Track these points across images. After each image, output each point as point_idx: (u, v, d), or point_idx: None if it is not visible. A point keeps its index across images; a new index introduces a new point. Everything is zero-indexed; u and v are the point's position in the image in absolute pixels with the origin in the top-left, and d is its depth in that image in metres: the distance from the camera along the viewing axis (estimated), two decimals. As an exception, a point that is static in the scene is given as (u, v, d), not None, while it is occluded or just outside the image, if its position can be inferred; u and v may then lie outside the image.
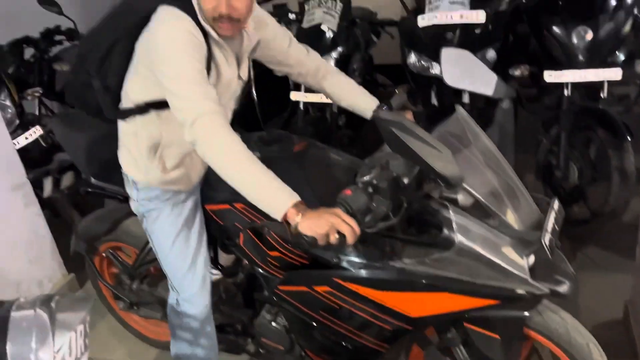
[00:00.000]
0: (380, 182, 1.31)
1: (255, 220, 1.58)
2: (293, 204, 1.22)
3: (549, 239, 1.26)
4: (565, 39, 2.40)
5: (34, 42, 3.45)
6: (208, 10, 1.35)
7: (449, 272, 1.28)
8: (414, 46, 2.73)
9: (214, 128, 1.29)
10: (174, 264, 1.66)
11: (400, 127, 1.27)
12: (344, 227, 1.20)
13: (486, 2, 2.57)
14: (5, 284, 2.33)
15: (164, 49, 1.34)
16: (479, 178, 1.36)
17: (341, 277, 1.42)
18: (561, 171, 2.47)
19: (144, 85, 1.46)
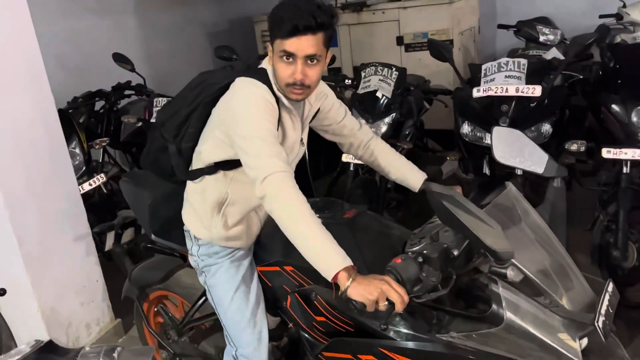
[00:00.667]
0: (431, 252, 1.32)
1: (303, 283, 1.59)
2: (345, 268, 1.27)
3: (602, 322, 1.21)
4: (625, 117, 2.37)
5: (105, 95, 3.70)
6: (284, 77, 1.49)
7: (498, 349, 1.23)
8: (468, 116, 2.76)
9: (283, 186, 1.39)
10: (233, 318, 1.68)
11: (451, 200, 1.29)
12: (394, 294, 1.22)
13: (542, 77, 2.59)
14: (56, 325, 2.40)
15: (242, 111, 1.48)
16: (529, 255, 1.33)
17: (387, 347, 1.39)
18: (619, 251, 2.37)
19: (216, 147, 1.58)
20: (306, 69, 1.48)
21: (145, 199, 2.02)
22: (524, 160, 2.39)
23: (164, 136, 1.69)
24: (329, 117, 1.79)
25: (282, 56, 1.47)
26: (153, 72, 4.52)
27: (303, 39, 1.44)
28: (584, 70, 2.98)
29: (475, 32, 5.00)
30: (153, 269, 2.18)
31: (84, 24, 4.21)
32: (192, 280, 2.02)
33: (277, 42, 1.47)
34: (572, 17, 4.69)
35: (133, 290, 2.22)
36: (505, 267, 1.25)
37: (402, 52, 4.55)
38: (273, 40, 1.50)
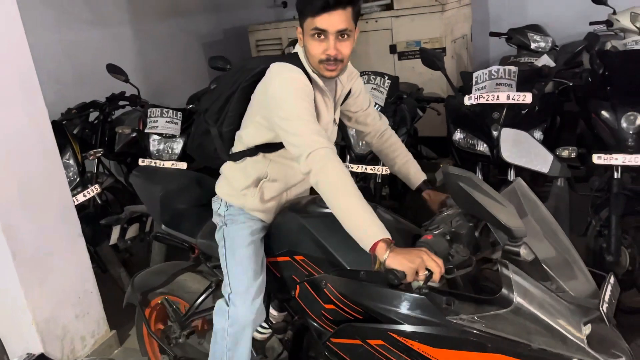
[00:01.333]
0: (460, 229, 1.39)
1: (313, 272, 1.63)
2: (383, 239, 1.33)
3: (606, 308, 1.25)
4: (615, 123, 2.40)
5: (100, 106, 3.70)
6: (317, 54, 1.55)
7: (506, 332, 1.25)
8: (460, 123, 2.78)
9: (328, 159, 1.45)
10: (241, 263, 1.70)
11: (467, 182, 1.34)
12: (432, 264, 1.28)
13: (533, 84, 2.61)
14: (51, 337, 2.38)
15: (280, 95, 1.55)
16: (538, 243, 1.37)
17: (397, 331, 1.39)
18: (612, 256, 2.39)
19: (257, 131, 1.67)
20: (338, 44, 1.53)
21: (157, 192, 2.10)
22: (530, 160, 2.44)
23: (207, 121, 1.78)
24: (357, 102, 1.87)
25: (313, 34, 1.53)
26: (147, 83, 4.53)
27: (334, 15, 1.49)
28: (574, 77, 3.00)
29: (468, 40, 5.04)
30: (156, 274, 2.22)
31: (78, 35, 4.22)
32: (196, 285, 2.08)
33: (308, 20, 1.53)
34: (563, 24, 4.74)
35: (135, 295, 2.25)
36: (518, 246, 1.30)
37: (395, 60, 4.58)
38: (303, 20, 1.55)
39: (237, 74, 1.72)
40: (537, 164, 2.42)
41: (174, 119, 3.20)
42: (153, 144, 3.23)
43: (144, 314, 2.25)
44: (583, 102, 2.70)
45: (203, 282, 2.06)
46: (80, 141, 3.29)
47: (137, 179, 2.23)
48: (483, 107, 2.64)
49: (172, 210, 2.08)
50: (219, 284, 1.98)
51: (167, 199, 2.09)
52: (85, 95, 3.83)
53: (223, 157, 1.81)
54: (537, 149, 2.44)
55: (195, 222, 2.00)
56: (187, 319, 2.08)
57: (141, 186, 2.22)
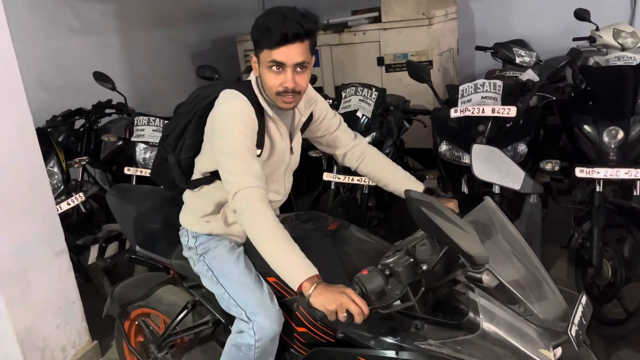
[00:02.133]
0: (396, 266, 1.35)
1: (285, 295, 1.62)
2: (308, 277, 1.32)
3: (575, 332, 1.24)
4: (597, 137, 2.44)
5: (85, 114, 3.68)
6: (274, 86, 1.53)
7: (475, 356, 1.26)
8: (446, 136, 2.81)
9: (251, 201, 1.45)
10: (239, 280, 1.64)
11: (429, 206, 1.33)
12: (352, 306, 1.27)
13: (517, 98, 2.65)
14: (32, 347, 2.34)
15: (219, 125, 1.54)
16: (505, 266, 1.36)
17: (366, 356, 1.41)
18: (594, 268, 2.41)
19: (209, 158, 1.65)
20: (296, 76, 1.52)
21: (131, 212, 2.06)
22: (502, 177, 2.44)
23: (165, 149, 1.77)
24: (322, 127, 1.84)
25: (270, 66, 1.51)
26: (134, 91, 4.52)
27: (292, 48, 1.48)
28: (557, 91, 3.05)
29: (454, 53, 5.10)
30: (135, 286, 2.18)
31: (64, 43, 4.20)
32: (175, 298, 2.03)
33: (265, 52, 1.50)
34: (547, 39, 4.83)
35: (115, 308, 2.21)
36: (481, 272, 1.29)
37: (382, 72, 4.63)
38: (259, 50, 1.52)
39: (193, 102, 1.70)
40: (508, 181, 2.42)
41: (160, 127, 3.19)
42: (139, 152, 3.22)
43: (122, 327, 2.21)
44: (565, 116, 2.74)
45: (182, 295, 2.01)
46: (65, 149, 3.27)
47: (113, 198, 2.19)
48: (468, 120, 2.67)
49: (146, 230, 2.05)
50: (195, 304, 1.94)
51: (140, 220, 2.05)
52: (71, 103, 3.81)
53: (181, 185, 1.79)
54: (509, 166, 2.44)
55: (169, 242, 1.96)
56: (165, 340, 2.04)
57: (116, 206, 2.18)
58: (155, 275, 2.16)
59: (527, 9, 5.23)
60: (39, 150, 2.40)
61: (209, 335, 1.94)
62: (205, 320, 1.89)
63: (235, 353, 1.66)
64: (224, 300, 1.69)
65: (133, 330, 2.26)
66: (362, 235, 1.78)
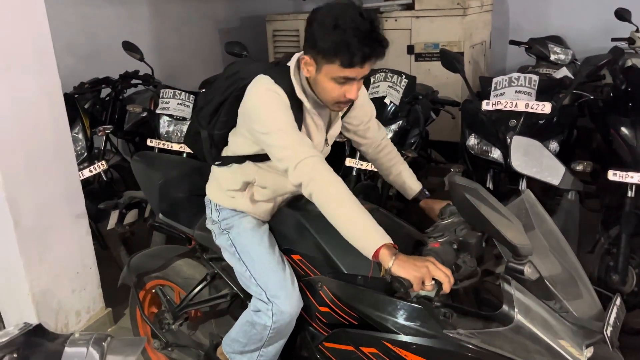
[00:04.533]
0: (468, 238, 1.34)
1: (309, 273, 1.59)
2: (386, 245, 1.27)
3: (610, 332, 1.20)
4: (633, 140, 2.36)
5: (112, 83, 3.68)
6: (336, 97, 1.46)
7: (504, 349, 1.22)
8: (475, 128, 2.74)
9: (317, 169, 1.40)
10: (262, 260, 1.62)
11: (474, 193, 1.29)
12: (440, 274, 1.22)
13: (552, 95, 2.57)
14: (46, 309, 2.37)
15: (256, 109, 1.49)
16: (542, 261, 1.33)
17: (391, 341, 1.37)
18: (619, 275, 2.35)
19: (244, 143, 1.61)
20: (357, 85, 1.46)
21: (156, 179, 2.05)
22: (541, 171, 2.39)
23: (199, 122, 1.71)
24: (359, 115, 1.79)
25: (337, 79, 1.42)
26: (162, 64, 4.51)
27: (367, 65, 1.41)
28: (594, 91, 2.96)
29: (487, 47, 4.99)
30: (153, 257, 2.18)
31: (95, 11, 4.20)
32: (192, 271, 2.03)
33: (335, 67, 1.39)
34: (584, 38, 4.69)
35: (131, 277, 2.21)
36: (523, 264, 1.25)
37: (412, 61, 4.54)
38: (325, 62, 1.40)
39: (229, 80, 1.63)
40: (548, 175, 2.37)
41: (185, 101, 3.17)
42: (163, 125, 3.21)
43: (137, 296, 2.21)
44: (602, 117, 2.66)
45: (200, 270, 2.01)
46: (90, 117, 3.27)
47: (138, 164, 2.17)
48: (500, 114, 2.60)
49: (171, 199, 2.02)
50: (214, 276, 1.93)
51: (166, 187, 2.03)
52: (99, 71, 3.82)
53: (209, 160, 1.75)
54: (549, 160, 2.38)
55: (193, 212, 1.94)
56: (181, 310, 2.04)
57: (141, 172, 2.16)
58: (174, 248, 2.15)
59: (564, 5, 5.08)
60: (65, 115, 2.40)
61: (225, 309, 1.94)
62: (223, 293, 1.88)
63: (248, 329, 1.66)
64: (245, 278, 1.67)
65: (147, 301, 2.27)
66: (393, 220, 1.74)
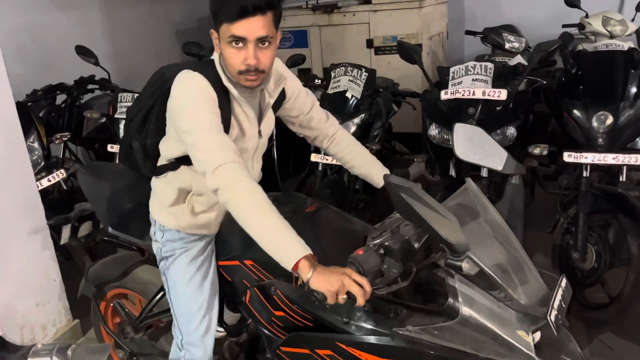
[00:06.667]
0: (392, 244, 1.32)
1: (263, 278, 1.58)
2: (305, 257, 1.24)
3: (555, 316, 1.23)
4: (586, 122, 2.44)
5: (67, 89, 3.58)
6: (236, 64, 1.42)
7: (454, 342, 1.24)
8: (435, 118, 2.79)
9: (236, 176, 1.34)
10: (185, 304, 1.66)
11: (409, 192, 1.28)
12: (355, 287, 1.20)
13: (508, 81, 2.64)
14: (10, 325, 2.30)
15: (179, 105, 1.43)
16: (486, 250, 1.34)
17: (344, 341, 1.38)
18: (578, 253, 2.43)
19: (172, 143, 1.55)
20: (258, 52, 1.40)
21: (103, 191, 1.97)
22: (484, 157, 2.41)
23: (130, 134, 1.64)
24: (296, 106, 1.73)
25: (230, 42, 1.39)
26: (118, 68, 4.41)
27: (253, 21, 1.36)
28: (547, 76, 3.05)
29: (444, 38, 5.07)
30: (110, 266, 2.13)
31: (45, 17, 4.06)
32: (150, 277, 1.98)
33: (224, 27, 1.39)
34: (536, 25, 4.81)
35: (90, 288, 2.16)
36: (461, 260, 1.26)
37: (372, 54, 4.58)
38: (218, 25, 1.41)
39: (156, 84, 1.56)
40: (491, 161, 2.39)
41: (145, 104, 3.11)
42: (123, 129, 3.14)
43: (98, 308, 2.16)
44: (555, 101, 2.74)
45: (159, 275, 1.91)
46: (46, 125, 3.18)
47: (84, 177, 2.09)
48: (459, 102, 2.65)
49: (119, 210, 1.96)
50: None
51: (114, 199, 1.96)
52: (52, 78, 3.71)
53: (145, 172, 1.68)
54: (492, 146, 2.39)
55: (143, 222, 1.84)
56: (141, 322, 2.01)
57: (88, 185, 2.08)
58: (131, 254, 2.10)
59: (517, -6, 5.21)
60: (18, 124, 2.33)
61: None
62: None
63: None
64: (172, 314, 1.71)
65: (110, 310, 2.22)
66: (342, 216, 1.74)
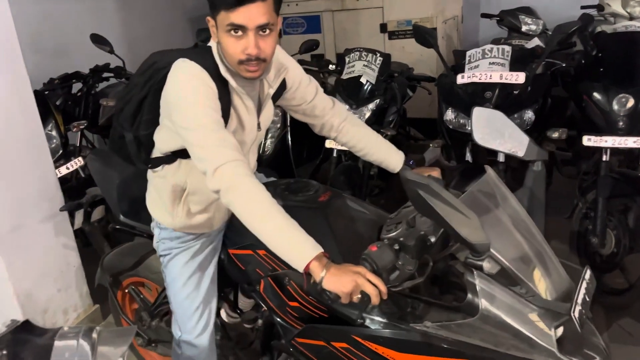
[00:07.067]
0: (407, 239, 1.29)
1: (276, 268, 1.55)
2: (316, 257, 1.20)
3: (579, 312, 1.20)
4: (606, 105, 2.39)
5: (83, 78, 3.60)
6: (235, 53, 1.34)
7: (473, 339, 1.22)
8: (452, 102, 2.76)
9: (237, 176, 1.28)
10: (182, 303, 1.67)
11: (426, 189, 1.23)
12: (369, 287, 1.17)
13: (526, 64, 2.60)
14: (33, 311, 2.34)
15: (178, 100, 1.36)
16: (507, 242, 1.31)
17: (360, 335, 1.37)
18: (597, 238, 2.40)
19: (168, 136, 1.48)
20: (259, 40, 1.33)
21: (114, 179, 1.95)
22: (504, 143, 2.36)
23: (121, 125, 1.57)
24: (297, 96, 1.66)
25: (229, 30, 1.32)
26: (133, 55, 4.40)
27: (253, 7, 1.28)
28: (566, 58, 2.99)
29: (459, 21, 5.00)
30: (124, 255, 2.14)
31: (60, 6, 4.09)
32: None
33: (222, 14, 1.31)
34: (554, 7, 4.72)
35: (106, 277, 2.18)
36: (482, 259, 1.23)
37: (385, 39, 4.54)
38: (216, 12, 1.33)
39: (146, 74, 1.49)
40: (511, 147, 2.33)
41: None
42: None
43: (115, 296, 2.18)
44: (574, 84, 2.69)
45: None
46: (63, 113, 3.21)
47: (94, 164, 2.05)
48: (475, 87, 2.62)
49: (130, 198, 1.93)
50: None
51: (123, 187, 1.94)
52: (68, 67, 3.73)
53: (139, 165, 1.62)
54: (512, 131, 2.33)
55: None
56: (156, 308, 2.03)
57: (98, 172, 2.05)
58: (144, 243, 2.07)
59: (534, -25, 5.10)
60: (36, 112, 2.36)
61: None
62: None
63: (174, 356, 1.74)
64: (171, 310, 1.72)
65: (127, 298, 2.24)
66: (357, 205, 1.69)
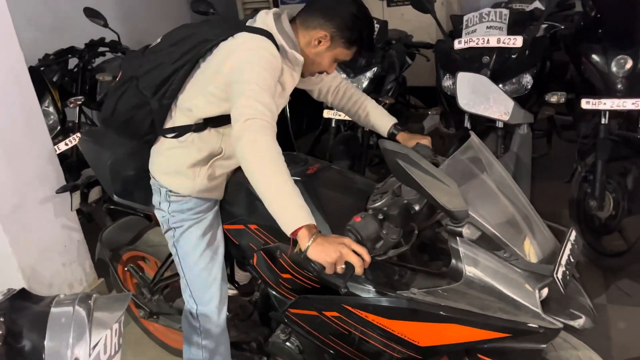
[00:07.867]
0: (391, 209, 1.30)
1: (268, 241, 1.58)
2: (307, 225, 1.23)
3: (562, 273, 1.21)
4: (605, 67, 2.36)
5: (79, 53, 3.57)
6: (321, 68, 1.61)
7: (459, 303, 1.25)
8: (449, 69, 2.73)
9: (262, 131, 1.32)
10: (200, 275, 1.67)
11: (405, 158, 1.24)
12: (353, 257, 1.20)
13: (524, 28, 2.56)
14: (38, 285, 2.38)
15: (245, 63, 1.42)
16: (492, 206, 1.32)
17: (350, 303, 1.40)
18: (596, 201, 2.41)
19: (209, 103, 1.52)
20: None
21: (106, 159, 1.92)
22: (489, 107, 2.35)
23: (142, 91, 1.55)
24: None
25: (336, 60, 1.59)
26: (127, 29, 4.37)
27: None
28: (565, 20, 2.95)
29: (458, -14, 4.90)
30: (122, 230, 2.15)
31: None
32: (160, 239, 1.95)
33: (347, 52, 1.56)
34: (555, -31, 4.61)
35: (105, 252, 2.19)
36: (461, 226, 1.24)
37: (384, 6, 4.48)
38: (338, 43, 1.54)
39: (184, 44, 1.51)
40: (496, 112, 2.31)
41: (156, 65, 3.09)
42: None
43: (116, 271, 2.20)
44: (573, 46, 2.66)
45: None
46: (60, 89, 3.19)
47: (86, 144, 2.03)
48: (473, 52, 2.59)
49: (123, 178, 1.91)
50: None
51: (116, 166, 1.91)
52: (63, 42, 3.69)
53: (161, 132, 1.61)
54: (497, 95, 2.31)
55: (148, 189, 1.78)
56: (155, 285, 2.04)
57: (90, 152, 2.02)
58: (139, 219, 2.10)
59: (535, -63, 4.97)
60: (32, 89, 2.35)
61: None
62: None
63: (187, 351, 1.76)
64: (182, 284, 1.72)
65: (127, 272, 2.26)
66: (345, 176, 1.72)
